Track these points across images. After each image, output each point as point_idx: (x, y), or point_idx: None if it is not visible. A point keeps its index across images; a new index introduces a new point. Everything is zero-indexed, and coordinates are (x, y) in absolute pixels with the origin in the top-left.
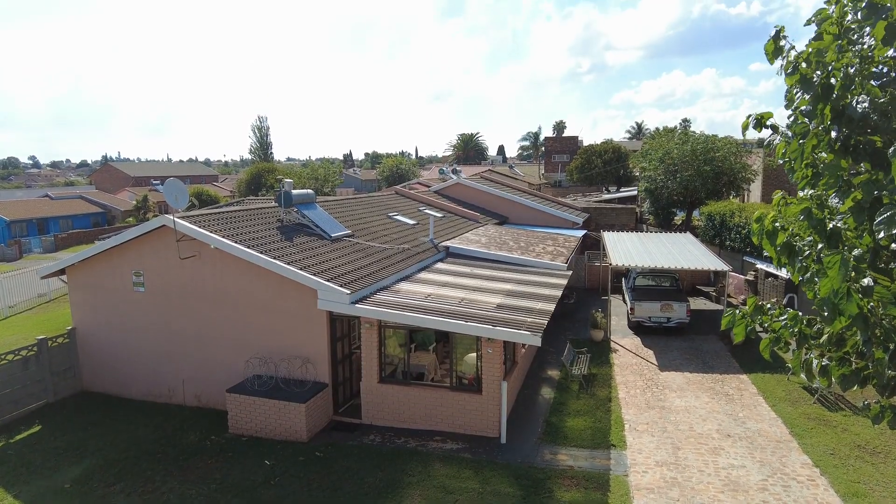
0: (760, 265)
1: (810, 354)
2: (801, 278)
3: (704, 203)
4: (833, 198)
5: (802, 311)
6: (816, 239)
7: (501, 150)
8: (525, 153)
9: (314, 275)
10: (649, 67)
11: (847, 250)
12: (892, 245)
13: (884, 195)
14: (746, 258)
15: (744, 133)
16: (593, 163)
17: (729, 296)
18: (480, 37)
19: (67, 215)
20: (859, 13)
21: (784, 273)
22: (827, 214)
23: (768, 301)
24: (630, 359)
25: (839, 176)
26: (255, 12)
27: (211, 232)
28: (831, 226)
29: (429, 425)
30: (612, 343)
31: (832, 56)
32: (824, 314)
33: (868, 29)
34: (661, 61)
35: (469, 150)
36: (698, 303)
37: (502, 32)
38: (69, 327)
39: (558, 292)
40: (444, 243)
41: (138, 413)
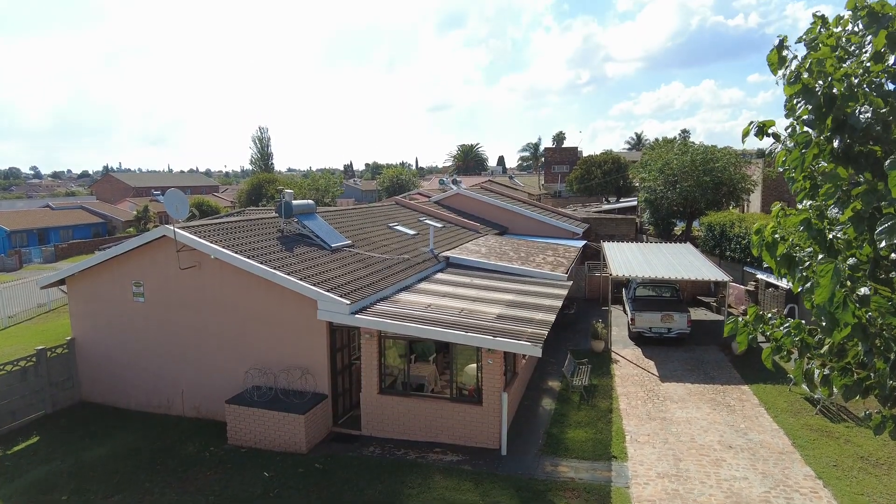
0: (761, 275)
1: (812, 364)
2: (800, 288)
3: (704, 213)
4: (833, 208)
5: (803, 321)
6: (816, 249)
7: (501, 160)
8: (525, 164)
9: (314, 285)
10: (648, 79)
11: (841, 260)
12: (893, 255)
13: (883, 205)
14: (747, 268)
15: (744, 140)
16: (593, 173)
17: (730, 306)
18: (480, 48)
19: (68, 225)
20: (860, 22)
21: (784, 283)
22: (826, 225)
23: (769, 311)
24: (631, 369)
25: (838, 186)
26: (256, 24)
27: (211, 242)
28: (831, 236)
29: (429, 437)
30: (612, 354)
31: (830, 66)
32: (822, 324)
33: (870, 38)
34: (661, 73)
35: (469, 160)
36: (699, 313)
37: (502, 44)
38: (68, 338)
39: (559, 303)
40: (444, 254)
41: (137, 424)
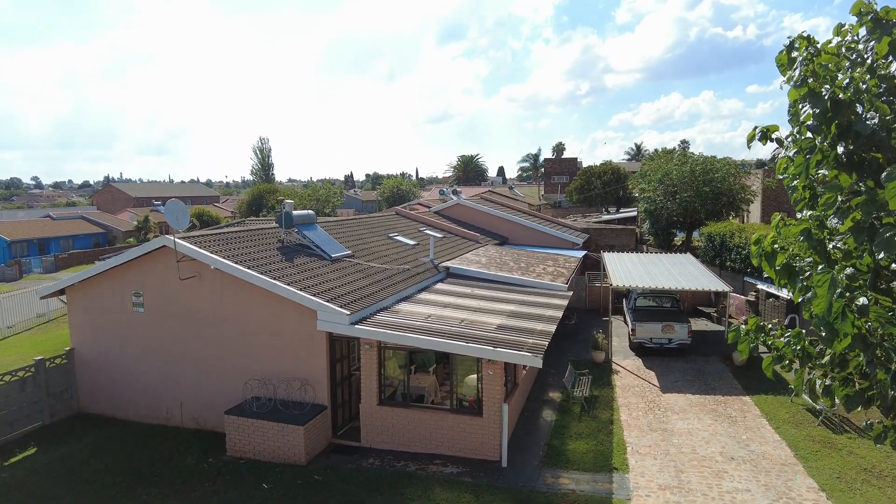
0: (761, 286)
1: (813, 374)
2: (801, 298)
3: (704, 224)
4: (832, 218)
5: (804, 331)
6: (816, 259)
7: (501, 171)
8: (525, 174)
9: (314, 295)
10: (648, 90)
11: (838, 270)
12: (894, 265)
13: (882, 216)
14: (747, 279)
15: (749, 144)
16: (593, 184)
17: (730, 316)
18: (480, 59)
19: (68, 235)
20: (864, 27)
21: (785, 293)
22: (826, 235)
23: (769, 322)
24: (632, 380)
25: (838, 195)
26: (257, 36)
27: (211, 252)
28: (831, 246)
29: (429, 448)
30: (613, 364)
31: (834, 68)
32: (822, 334)
33: (873, 43)
34: (660, 83)
35: (469, 171)
36: (699, 324)
37: (502, 55)
38: (68, 348)
39: (559, 313)
40: (444, 264)
41: (135, 435)
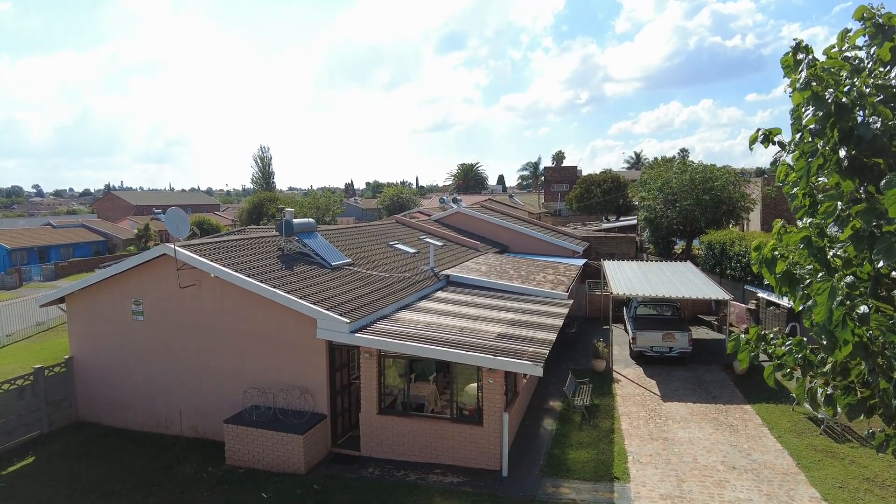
0: (762, 294)
1: (815, 383)
2: (802, 307)
3: (704, 232)
4: (832, 226)
5: (805, 339)
6: (817, 267)
7: (501, 179)
8: (525, 183)
9: (314, 304)
10: (647, 98)
11: (838, 278)
12: (893, 273)
13: (882, 224)
14: (747, 287)
15: (751, 146)
16: (592, 192)
17: (731, 325)
18: (480, 69)
19: (69, 243)
20: (866, 34)
21: (786, 302)
22: (827, 243)
23: (770, 330)
24: (632, 389)
25: (838, 203)
26: (258, 45)
27: (211, 261)
28: (831, 254)
29: (429, 458)
30: (614, 373)
31: (835, 71)
32: (823, 342)
33: (875, 48)
34: (659, 92)
35: (469, 179)
36: (700, 332)
37: (502, 64)
38: (67, 356)
39: (559, 321)
40: (444, 272)
41: (134, 444)
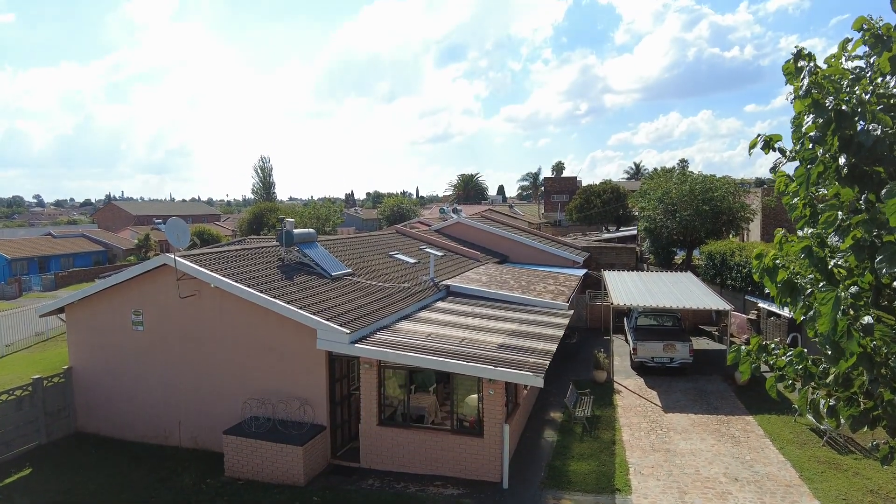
0: (763, 304)
1: (817, 394)
2: (803, 317)
3: (704, 242)
4: (833, 236)
5: (806, 350)
6: (818, 277)
7: (501, 190)
8: (525, 193)
9: (314, 314)
10: (646, 109)
11: (842, 288)
12: (895, 283)
13: (883, 234)
14: (748, 297)
15: (750, 151)
16: (592, 202)
17: (732, 335)
18: (480, 80)
19: (69, 253)
20: (866, 44)
21: (787, 312)
22: (827, 253)
23: (771, 341)
24: (634, 400)
25: (838, 212)
26: (259, 56)
27: (211, 271)
28: (832, 264)
29: (429, 469)
30: (615, 384)
31: (835, 79)
32: (827, 353)
33: (874, 59)
34: (658, 103)
35: (469, 190)
36: (701, 342)
37: (502, 76)
38: (66, 367)
39: (560, 332)
40: (444, 282)
41: (133, 455)
